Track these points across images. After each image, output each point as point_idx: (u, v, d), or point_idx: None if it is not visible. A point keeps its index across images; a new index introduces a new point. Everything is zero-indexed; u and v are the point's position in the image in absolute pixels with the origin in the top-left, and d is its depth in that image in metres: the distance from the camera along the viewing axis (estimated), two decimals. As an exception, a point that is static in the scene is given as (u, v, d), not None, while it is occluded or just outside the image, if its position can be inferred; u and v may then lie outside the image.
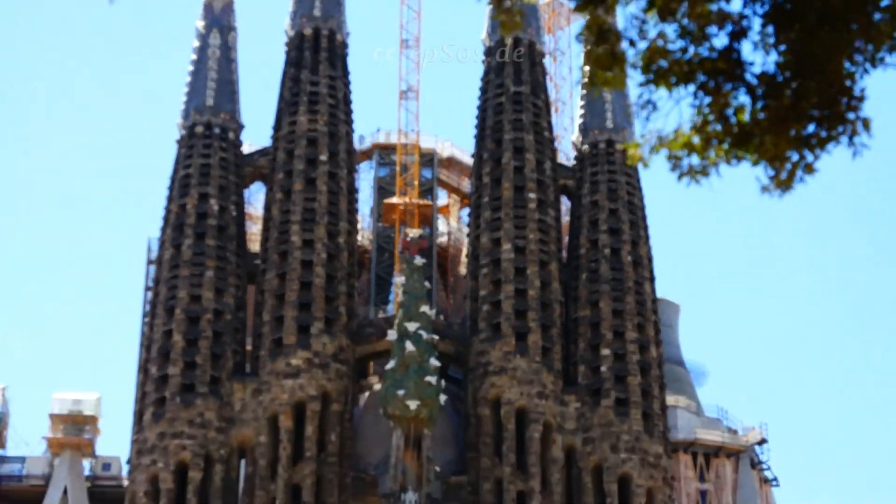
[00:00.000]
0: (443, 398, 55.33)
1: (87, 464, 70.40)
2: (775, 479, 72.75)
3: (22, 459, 71.19)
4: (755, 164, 9.49)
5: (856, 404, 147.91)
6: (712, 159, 9.52)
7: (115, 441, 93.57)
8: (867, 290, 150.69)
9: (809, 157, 9.31)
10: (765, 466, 72.10)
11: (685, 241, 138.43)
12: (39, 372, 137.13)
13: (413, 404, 53.82)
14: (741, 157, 9.61)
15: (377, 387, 59.08)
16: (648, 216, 63.33)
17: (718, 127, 9.46)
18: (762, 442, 71.92)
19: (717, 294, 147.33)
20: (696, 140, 9.38)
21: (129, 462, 59.86)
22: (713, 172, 9.58)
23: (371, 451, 57.82)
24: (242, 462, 57.23)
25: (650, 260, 62.12)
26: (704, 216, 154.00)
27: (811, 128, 9.33)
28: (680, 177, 9.42)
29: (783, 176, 9.46)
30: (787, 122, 9.24)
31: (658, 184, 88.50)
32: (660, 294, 63.73)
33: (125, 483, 61.29)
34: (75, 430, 70.26)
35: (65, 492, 68.27)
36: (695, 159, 9.44)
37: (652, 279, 61.80)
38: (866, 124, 9.32)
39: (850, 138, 9.23)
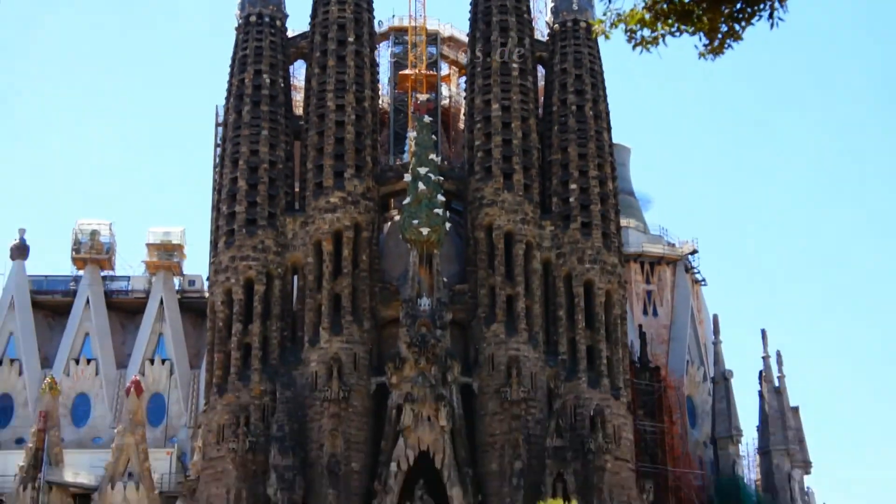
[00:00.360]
0: (448, 225, 55.77)
1: (176, 281, 70.97)
2: (704, 280, 72.98)
3: (127, 278, 71.68)
4: (693, 34, 9.40)
5: (770, 218, 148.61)
6: (660, 31, 9.41)
7: (197, 264, 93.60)
8: (772, 131, 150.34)
9: (737, 28, 9.19)
10: (696, 271, 72.20)
11: (636, 97, 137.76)
12: (137, 211, 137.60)
13: (425, 230, 54.19)
14: (682, 30, 9.49)
15: (397, 218, 59.28)
16: (607, 79, 62.93)
17: (665, 6, 9.33)
18: (694, 252, 71.97)
19: (661, 138, 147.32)
20: (647, 16, 9.28)
21: (208, 279, 60.46)
22: (661, 42, 9.47)
23: (394, 268, 58.07)
24: (295, 278, 57.69)
25: (608, 114, 61.90)
26: (652, 77, 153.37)
27: (739, 5, 9.20)
28: (634, 46, 9.36)
29: (716, 44, 9.37)
30: (721, 1, 9.11)
31: (615, 52, 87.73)
32: (615, 140, 63.46)
33: (206, 295, 61.94)
34: (167, 255, 70.60)
35: (161, 302, 68.97)
36: (646, 32, 9.35)
37: (609, 129, 61.67)
38: (782, 1, 9.19)
39: (771, 13, 9.09)
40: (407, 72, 67.70)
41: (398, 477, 50.92)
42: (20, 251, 71.63)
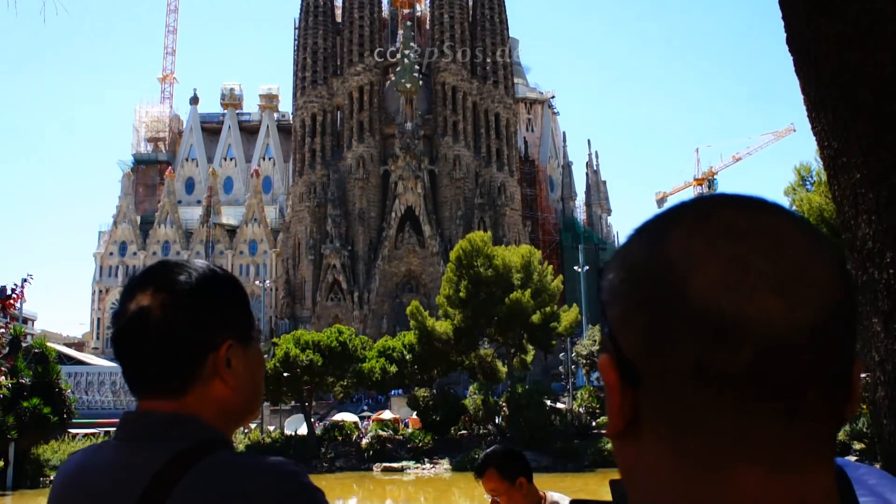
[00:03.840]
0: (420, 82, 50.25)
1: (276, 115, 65.42)
2: (558, 112, 67.62)
3: (249, 114, 66.19)
4: None
5: (600, 69, 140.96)
6: None
7: (286, 104, 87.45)
8: None
9: None
10: (555, 109, 66.95)
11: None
12: (254, 73, 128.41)
13: (409, 85, 49.76)
14: None
15: (393, 79, 53.06)
16: None
17: None
18: (553, 97, 66.64)
19: (542, 28, 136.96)
20: None
21: (292, 113, 55.21)
22: None
23: (392, 106, 51.89)
24: (338, 112, 52.30)
25: (506, 18, 55.22)
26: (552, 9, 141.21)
27: None
28: None
29: None
30: None
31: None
32: (511, 34, 56.77)
33: (291, 122, 56.96)
34: (269, 101, 64.81)
35: (267, 127, 64.02)
36: None
37: (507, 26, 55.12)
38: None
39: None
40: (397, -4, 60.37)
41: (395, 220, 47.75)
42: (195, 100, 66.15)
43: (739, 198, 0.44)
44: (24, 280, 7.37)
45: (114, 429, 0.84)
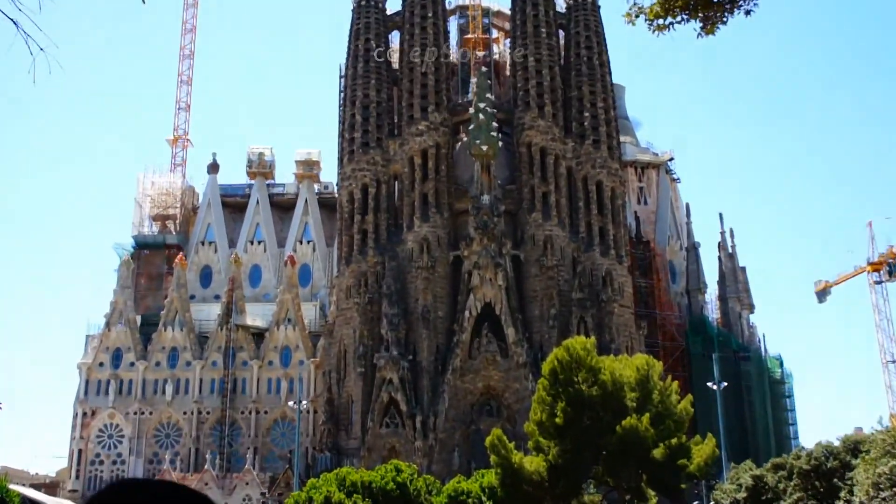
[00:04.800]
0: (500, 144, 53.64)
1: (316, 186, 70.22)
2: (678, 179, 70.75)
3: (283, 185, 71.24)
4: (693, 19, 7.88)
5: (728, 131, 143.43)
6: (671, 20, 7.82)
7: (330, 174, 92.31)
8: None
9: (726, 16, 7.63)
10: (673, 173, 69.90)
11: (631, 46, 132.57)
12: (289, 138, 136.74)
13: (485, 147, 53.21)
14: (687, 18, 7.92)
15: (465, 139, 56.91)
16: (607, 36, 59.89)
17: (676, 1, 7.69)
18: (671, 159, 69.36)
19: (649, 78, 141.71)
20: (659, 9, 7.67)
21: (337, 184, 59.42)
22: (671, 28, 7.88)
23: (464, 174, 54.76)
24: (395, 183, 56.19)
25: (608, 62, 59.00)
26: (641, 34, 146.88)
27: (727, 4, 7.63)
28: (653, 31, 7.75)
29: (708, 26, 7.84)
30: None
31: (614, 17, 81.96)
32: (615, 80, 60.34)
33: (336, 195, 61.12)
34: (309, 168, 69.90)
35: (306, 201, 68.36)
36: (660, 21, 7.72)
37: (610, 73, 59.20)
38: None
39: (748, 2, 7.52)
40: (469, 36, 64.78)
41: (470, 321, 50.13)
42: (213, 168, 71.20)
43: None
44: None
45: None
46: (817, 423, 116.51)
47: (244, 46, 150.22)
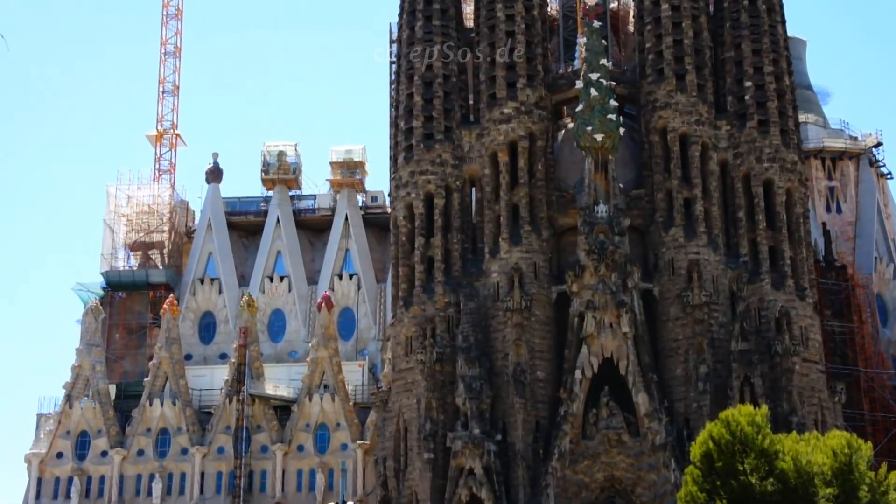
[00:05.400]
0: (621, 130, 54.10)
1: (359, 198, 71.34)
2: (890, 173, 70.02)
3: (313, 196, 72.64)
4: None
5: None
6: None
7: (379, 180, 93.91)
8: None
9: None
10: (881, 164, 69.34)
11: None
12: (320, 130, 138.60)
13: (599, 136, 52.99)
14: None
15: (571, 125, 57.85)
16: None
17: None
18: (878, 145, 68.99)
19: (838, 27, 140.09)
20: None
21: (390, 194, 60.25)
22: None
23: (569, 175, 56.74)
24: (473, 190, 57.05)
25: (781, 6, 59.02)
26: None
27: None
28: None
29: None
30: None
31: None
32: (790, 33, 60.27)
33: (388, 210, 61.90)
34: (349, 172, 71.11)
35: (346, 219, 69.41)
36: None
37: (783, 22, 58.80)
38: None
39: None
40: (575, -23, 65.46)
41: (583, 384, 50.27)
42: (214, 175, 72.94)
43: None
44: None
45: None
46: None
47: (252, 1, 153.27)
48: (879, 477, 31.14)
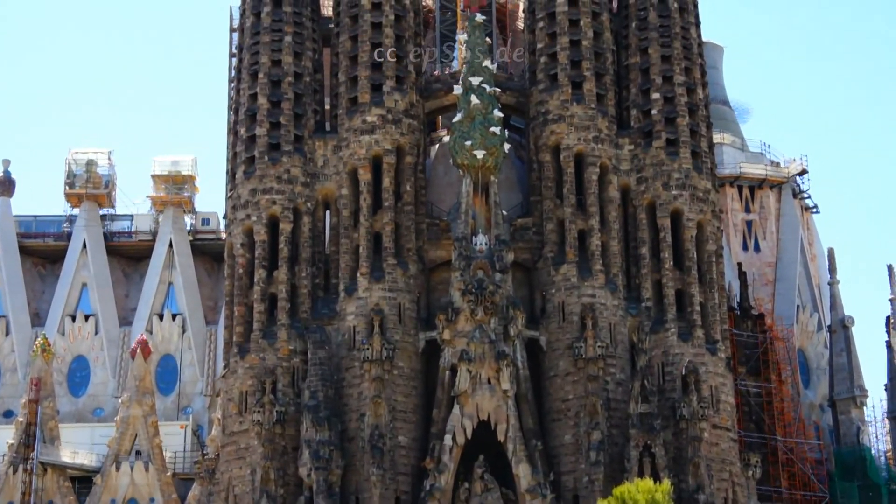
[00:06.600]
0: (507, 146, 54.57)
1: (188, 219, 70.77)
2: (815, 206, 71.54)
3: (130, 217, 71.90)
4: None
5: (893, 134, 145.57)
6: None
7: (212, 198, 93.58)
8: None
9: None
10: (806, 195, 70.81)
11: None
12: (140, 137, 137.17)
13: (480, 153, 53.21)
14: None
15: (446, 139, 58.08)
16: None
17: None
18: (803, 172, 70.46)
19: (760, 35, 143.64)
20: None
21: (225, 217, 59.68)
22: None
23: (443, 199, 57.10)
24: (327, 213, 56.74)
25: (695, 5, 60.12)
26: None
27: None
28: None
29: None
30: None
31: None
32: (705, 38, 61.38)
33: (223, 236, 61.39)
34: (175, 188, 70.44)
35: (170, 245, 68.68)
36: None
37: (697, 24, 59.82)
38: None
39: None
40: (455, -41, 65.87)
41: (454, 452, 50.05)
42: (5, 187, 71.66)
43: None
44: None
45: None
46: None
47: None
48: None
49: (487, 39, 56.95)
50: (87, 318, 67.91)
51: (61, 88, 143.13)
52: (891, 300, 66.56)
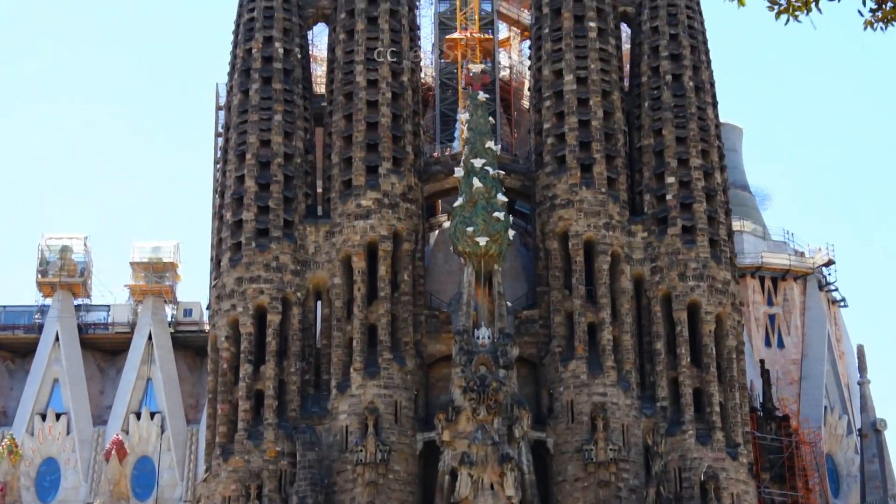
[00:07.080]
0: (511, 233, 54.55)
1: (169, 310, 70.67)
2: (843, 300, 71.56)
3: (107, 307, 71.63)
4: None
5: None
6: None
7: (195, 287, 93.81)
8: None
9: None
10: (832, 287, 70.82)
11: (747, 63, 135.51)
12: (118, 222, 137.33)
13: (482, 240, 53.20)
14: None
15: (446, 224, 58.29)
16: (709, 40, 61.46)
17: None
18: (829, 263, 70.51)
19: (781, 117, 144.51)
20: None
21: (209, 308, 59.75)
22: (814, 8, 8.08)
23: (443, 289, 57.20)
24: (318, 304, 56.78)
25: (712, 84, 60.56)
26: (765, 39, 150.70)
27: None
28: (777, 14, 7.93)
29: (888, 6, 8.03)
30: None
31: (716, 6, 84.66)
32: (723, 118, 61.92)
33: (206, 328, 61.40)
34: (156, 277, 70.38)
35: (149, 338, 68.59)
36: None
37: (714, 104, 60.21)
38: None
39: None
40: (456, 35, 66.62)
41: (456, 568, 49.96)
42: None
43: None
44: None
45: None
46: None
47: (42, 44, 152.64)
48: None
49: (491, 119, 57.52)
50: (58, 416, 67.59)
51: (34, 168, 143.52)
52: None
